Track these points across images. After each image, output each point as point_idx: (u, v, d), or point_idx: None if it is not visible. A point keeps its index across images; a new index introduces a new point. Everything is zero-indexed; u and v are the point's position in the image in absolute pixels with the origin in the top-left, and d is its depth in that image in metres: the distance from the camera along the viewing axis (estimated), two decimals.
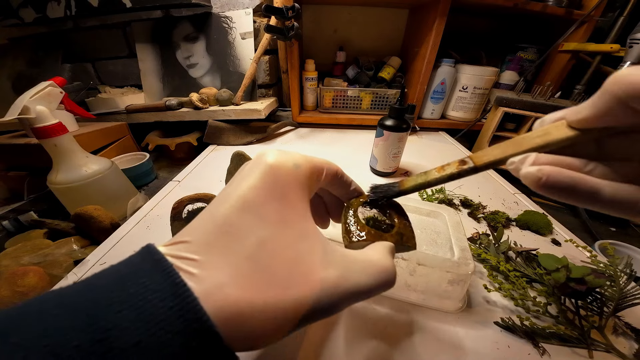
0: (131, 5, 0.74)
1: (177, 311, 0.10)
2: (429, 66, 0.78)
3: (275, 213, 0.14)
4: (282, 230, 0.14)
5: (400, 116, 0.54)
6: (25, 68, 0.85)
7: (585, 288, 0.27)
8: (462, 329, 0.29)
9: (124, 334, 0.09)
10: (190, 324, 0.10)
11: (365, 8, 0.90)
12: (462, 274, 0.27)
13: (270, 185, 0.14)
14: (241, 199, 0.14)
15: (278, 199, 0.14)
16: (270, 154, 0.15)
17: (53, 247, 0.40)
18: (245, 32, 0.81)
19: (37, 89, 0.49)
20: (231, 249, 0.13)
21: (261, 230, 0.13)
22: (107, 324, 0.09)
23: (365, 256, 0.16)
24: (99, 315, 0.10)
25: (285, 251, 0.14)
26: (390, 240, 0.19)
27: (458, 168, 0.18)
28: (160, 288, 0.11)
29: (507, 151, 0.16)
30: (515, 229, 0.45)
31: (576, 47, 0.76)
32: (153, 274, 0.11)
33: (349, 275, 0.15)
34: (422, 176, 0.19)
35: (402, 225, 0.21)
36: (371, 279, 0.15)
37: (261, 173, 0.15)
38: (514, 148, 0.16)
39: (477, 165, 0.17)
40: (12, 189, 0.63)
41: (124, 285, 0.11)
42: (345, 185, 0.21)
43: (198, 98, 0.75)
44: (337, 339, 0.27)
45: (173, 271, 0.11)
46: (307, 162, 0.16)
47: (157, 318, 0.10)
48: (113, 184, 0.52)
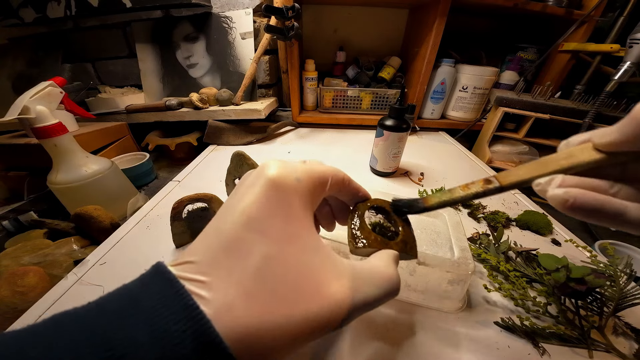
0: (131, 5, 0.74)
1: (191, 334, 0.10)
2: (429, 66, 0.78)
3: (280, 229, 0.14)
4: (287, 245, 0.14)
5: (400, 116, 0.54)
6: (25, 68, 0.85)
7: (585, 288, 0.27)
8: (462, 329, 0.29)
9: (139, 354, 0.10)
10: (204, 346, 0.10)
11: (365, 8, 0.90)
12: (462, 274, 0.27)
13: (273, 200, 0.14)
14: (244, 215, 0.14)
15: (282, 215, 0.14)
16: (272, 167, 0.15)
17: (53, 247, 0.40)
18: (245, 32, 0.81)
19: (37, 89, 0.49)
20: (237, 268, 0.13)
21: (266, 246, 0.13)
22: (123, 348, 0.10)
23: (372, 266, 0.17)
24: (115, 335, 0.10)
25: (291, 267, 0.13)
26: (394, 248, 0.19)
27: (483, 187, 0.18)
28: (174, 310, 0.11)
29: (533, 172, 0.16)
30: (515, 229, 0.45)
31: (576, 47, 0.76)
32: (166, 296, 0.11)
33: (359, 287, 0.15)
34: (447, 194, 0.19)
35: (406, 233, 0.21)
36: (379, 290, 0.15)
37: (263, 187, 0.14)
38: (540, 169, 0.16)
39: (502, 185, 0.17)
40: (12, 189, 0.63)
41: (137, 305, 0.11)
42: (352, 192, 0.20)
43: (198, 98, 0.75)
44: (336, 338, 0.27)
45: (185, 293, 0.11)
46: (309, 175, 0.16)
47: (172, 341, 0.10)
48: (113, 184, 0.52)
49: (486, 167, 0.69)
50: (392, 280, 0.16)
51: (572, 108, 0.71)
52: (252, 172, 0.16)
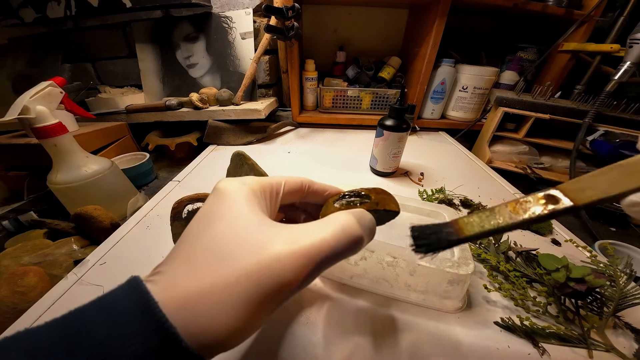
0: (131, 5, 0.74)
1: (139, 311, 0.11)
2: (429, 66, 0.78)
3: (225, 214, 0.15)
4: (233, 223, 0.15)
5: (400, 116, 0.54)
6: (25, 68, 0.85)
7: (585, 288, 0.27)
8: (462, 329, 0.29)
9: (96, 330, 0.11)
10: (149, 320, 0.11)
11: (365, 8, 0.90)
12: (462, 274, 0.27)
13: (219, 199, 0.16)
14: (198, 216, 0.16)
15: (227, 205, 0.16)
16: (220, 181, 0.18)
17: (53, 247, 0.40)
18: (245, 32, 0.81)
19: (37, 89, 0.49)
20: (187, 251, 0.14)
21: (212, 228, 0.15)
22: (76, 319, 0.11)
23: (320, 221, 0.16)
24: (73, 319, 0.12)
25: (233, 236, 0.14)
26: (361, 208, 0.18)
27: (547, 208, 0.13)
28: (127, 295, 0.12)
29: (621, 185, 0.12)
30: None
31: (576, 47, 0.76)
32: (127, 291, 0.13)
33: (300, 237, 0.14)
34: (490, 219, 0.15)
35: (379, 197, 0.19)
36: (327, 235, 0.14)
37: (212, 194, 0.17)
38: (629, 180, 0.12)
39: (577, 205, 0.13)
40: (12, 189, 0.63)
41: (102, 300, 0.12)
42: (318, 193, 0.21)
43: (198, 98, 0.75)
44: (336, 338, 0.27)
45: (141, 284, 0.13)
46: (254, 180, 0.18)
47: (124, 318, 0.11)
48: (113, 184, 0.52)
49: (486, 167, 0.69)
50: (348, 225, 0.15)
51: (572, 108, 0.71)
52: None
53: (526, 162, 0.87)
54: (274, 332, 0.27)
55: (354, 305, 0.31)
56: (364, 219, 0.16)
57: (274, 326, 0.28)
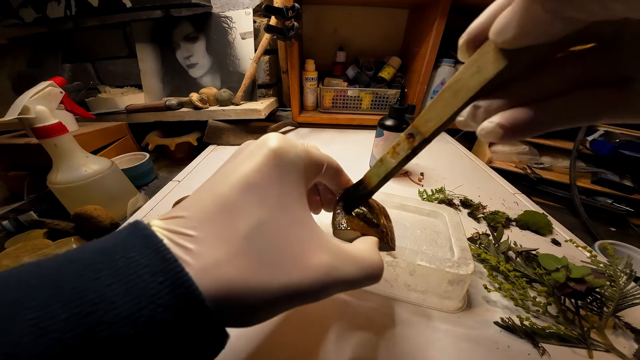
0: (131, 5, 0.74)
1: (168, 286, 0.10)
2: (429, 66, 0.78)
3: (276, 197, 0.14)
4: (281, 214, 0.14)
5: (400, 116, 0.54)
6: (25, 68, 0.85)
7: (585, 288, 0.27)
8: (462, 329, 0.29)
9: (113, 307, 0.09)
10: (182, 298, 0.10)
11: (365, 8, 0.90)
12: (462, 274, 0.27)
13: (272, 170, 0.14)
14: (243, 179, 0.14)
15: (279, 185, 0.14)
16: (274, 140, 0.15)
17: (53, 247, 0.40)
18: (245, 32, 0.81)
19: (37, 89, 0.49)
20: (230, 228, 0.13)
21: (261, 211, 0.13)
22: (95, 297, 0.09)
23: (355, 249, 0.17)
24: (87, 288, 0.09)
25: (282, 234, 0.14)
26: (374, 235, 0.20)
27: (410, 146, 0.16)
28: (150, 263, 0.10)
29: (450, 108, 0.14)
30: (515, 229, 0.45)
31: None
32: (142, 249, 0.11)
33: (340, 264, 0.15)
34: (381, 167, 0.19)
35: (385, 224, 0.22)
36: (360, 272, 0.16)
37: (264, 157, 0.15)
38: (455, 100, 0.14)
39: (426, 137, 0.16)
40: (12, 189, 0.63)
41: (112, 259, 0.10)
42: (341, 182, 0.21)
43: (198, 98, 0.75)
44: (335, 339, 0.27)
45: (163, 246, 0.11)
46: (307, 155, 0.17)
47: (147, 292, 0.10)
48: (113, 184, 0.52)
49: (486, 167, 0.69)
50: (374, 264, 0.17)
51: None
52: (252, 142, 0.16)
53: (526, 162, 0.87)
54: (271, 333, 0.27)
55: (353, 306, 0.31)
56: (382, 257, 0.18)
57: (272, 326, 0.28)
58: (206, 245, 0.12)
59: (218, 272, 0.12)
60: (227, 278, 0.12)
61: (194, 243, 0.12)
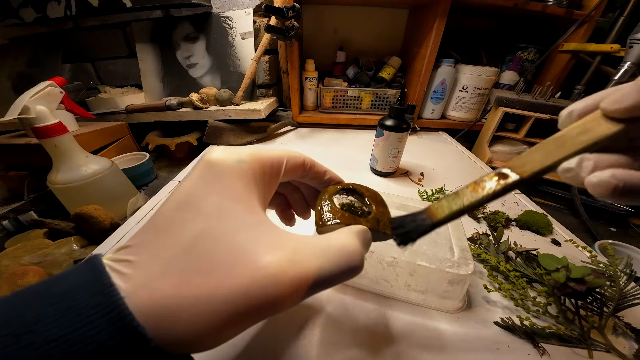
0: (131, 5, 0.74)
1: (102, 309, 0.10)
2: (429, 66, 0.78)
3: (215, 207, 0.13)
4: (224, 222, 0.13)
5: (400, 116, 0.54)
6: (25, 68, 0.85)
7: (585, 288, 0.27)
8: (462, 329, 0.29)
9: (48, 327, 0.10)
10: (114, 322, 0.10)
11: (365, 8, 0.90)
12: (462, 274, 0.27)
13: (209, 180, 0.14)
14: (180, 196, 0.14)
15: (218, 193, 0.14)
16: (214, 152, 0.15)
17: (53, 247, 0.40)
18: (245, 32, 0.81)
19: (37, 89, 0.49)
20: (166, 246, 0.12)
21: (199, 223, 0.13)
22: (31, 318, 0.10)
23: (322, 239, 0.15)
24: (24, 311, 0.10)
25: (225, 241, 0.13)
26: (364, 224, 0.17)
27: (499, 183, 0.15)
28: (88, 287, 0.11)
29: (553, 155, 0.14)
30: (515, 229, 0.45)
31: (576, 47, 0.76)
32: (86, 276, 0.11)
33: (300, 258, 0.13)
34: (456, 200, 0.16)
35: (380, 212, 0.19)
36: (329, 263, 0.14)
37: (199, 170, 0.15)
38: (560, 151, 0.14)
39: (523, 177, 0.15)
40: (12, 189, 0.63)
41: (52, 286, 0.11)
42: (318, 175, 0.20)
43: (198, 98, 0.75)
44: (335, 339, 0.27)
45: (104, 272, 0.11)
46: (253, 157, 0.16)
47: (81, 315, 0.10)
48: (113, 184, 0.52)
49: (486, 167, 0.69)
50: (348, 253, 0.14)
51: None
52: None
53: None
54: (272, 333, 0.27)
55: (353, 306, 0.31)
56: (367, 243, 0.16)
57: (272, 326, 0.28)
58: (140, 267, 0.12)
59: (149, 291, 0.11)
60: (157, 296, 0.11)
61: (129, 267, 0.12)
